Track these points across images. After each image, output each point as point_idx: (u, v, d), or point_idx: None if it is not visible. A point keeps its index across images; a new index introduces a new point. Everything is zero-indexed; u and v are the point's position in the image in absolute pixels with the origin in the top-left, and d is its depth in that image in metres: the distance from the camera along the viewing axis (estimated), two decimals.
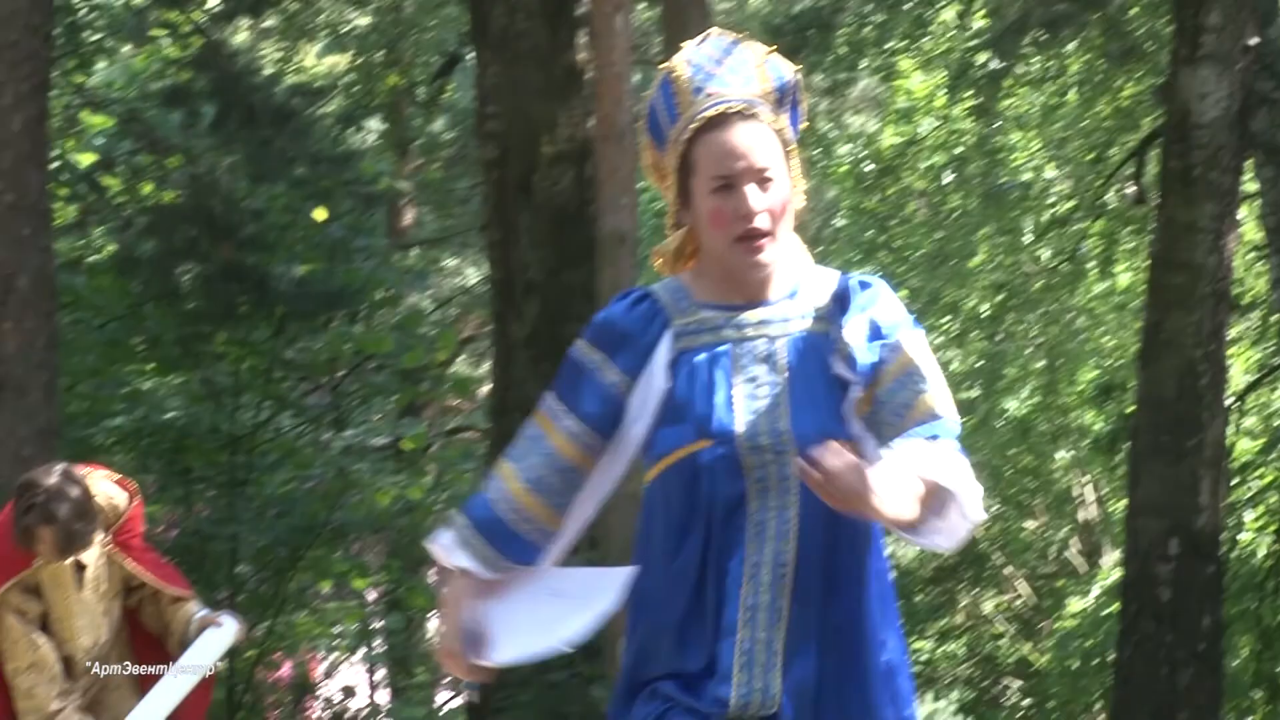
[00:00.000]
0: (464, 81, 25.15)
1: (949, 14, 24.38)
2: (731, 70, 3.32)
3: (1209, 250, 15.32)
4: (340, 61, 24.99)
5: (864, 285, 3.44)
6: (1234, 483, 19.94)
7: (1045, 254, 25.50)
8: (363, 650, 22.91)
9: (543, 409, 3.39)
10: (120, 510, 7.97)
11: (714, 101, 3.22)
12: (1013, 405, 26.02)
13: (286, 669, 20.53)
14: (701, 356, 3.30)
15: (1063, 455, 26.21)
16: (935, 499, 3.09)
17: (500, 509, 3.30)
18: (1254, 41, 16.08)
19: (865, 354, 3.24)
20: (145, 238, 17.20)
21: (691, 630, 3.24)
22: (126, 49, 20.60)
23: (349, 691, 21.71)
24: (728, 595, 3.21)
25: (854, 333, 3.25)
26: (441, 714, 22.10)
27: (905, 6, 23.91)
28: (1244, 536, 20.88)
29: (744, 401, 3.26)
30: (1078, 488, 26.21)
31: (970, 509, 3.11)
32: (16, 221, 12.54)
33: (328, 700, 21.59)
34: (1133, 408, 17.71)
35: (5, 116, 12.69)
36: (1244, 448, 21.22)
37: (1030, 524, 26.28)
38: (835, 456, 2.83)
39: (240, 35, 22.56)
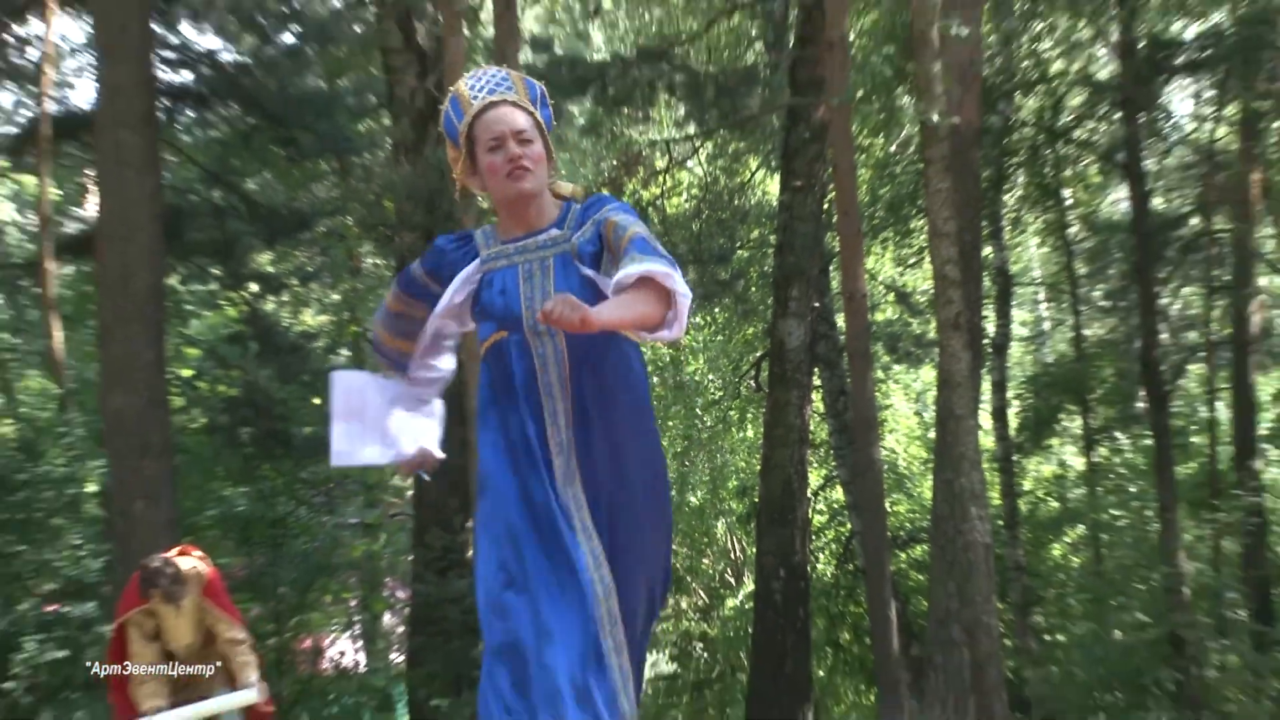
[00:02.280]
0: None
1: None
2: (497, 83, 4.56)
3: (795, 416, 20.94)
4: (324, 319, 27.27)
5: (602, 197, 4.70)
6: (815, 538, 26.32)
7: (708, 419, 31.36)
8: (348, 632, 26.87)
9: (390, 291, 4.86)
10: (203, 575, 10.47)
11: (486, 99, 4.50)
12: (693, 499, 31.81)
13: (307, 643, 24.75)
14: (500, 274, 4.55)
15: (721, 524, 32.01)
16: (651, 294, 4.14)
17: (378, 339, 4.85)
18: (817, 304, 21.84)
19: (585, 240, 4.50)
20: (222, 415, 21.39)
21: (525, 442, 4.46)
22: (208, 313, 25.03)
23: (341, 654, 26.38)
24: (536, 439, 4.46)
25: (581, 232, 4.53)
26: (393, 674, 23.97)
27: None
28: (820, 567, 27.60)
29: (525, 300, 4.47)
30: (730, 541, 32.02)
31: (677, 286, 4.13)
32: (149, 411, 15.57)
33: (330, 658, 26.10)
34: (757, 499, 23.03)
35: (141, 351, 15.56)
36: (818, 520, 27.60)
37: (705, 561, 31.80)
38: (552, 300, 3.86)
39: (270, 305, 24.81)
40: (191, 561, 10.32)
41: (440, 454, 4.77)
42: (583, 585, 4.38)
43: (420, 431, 5.15)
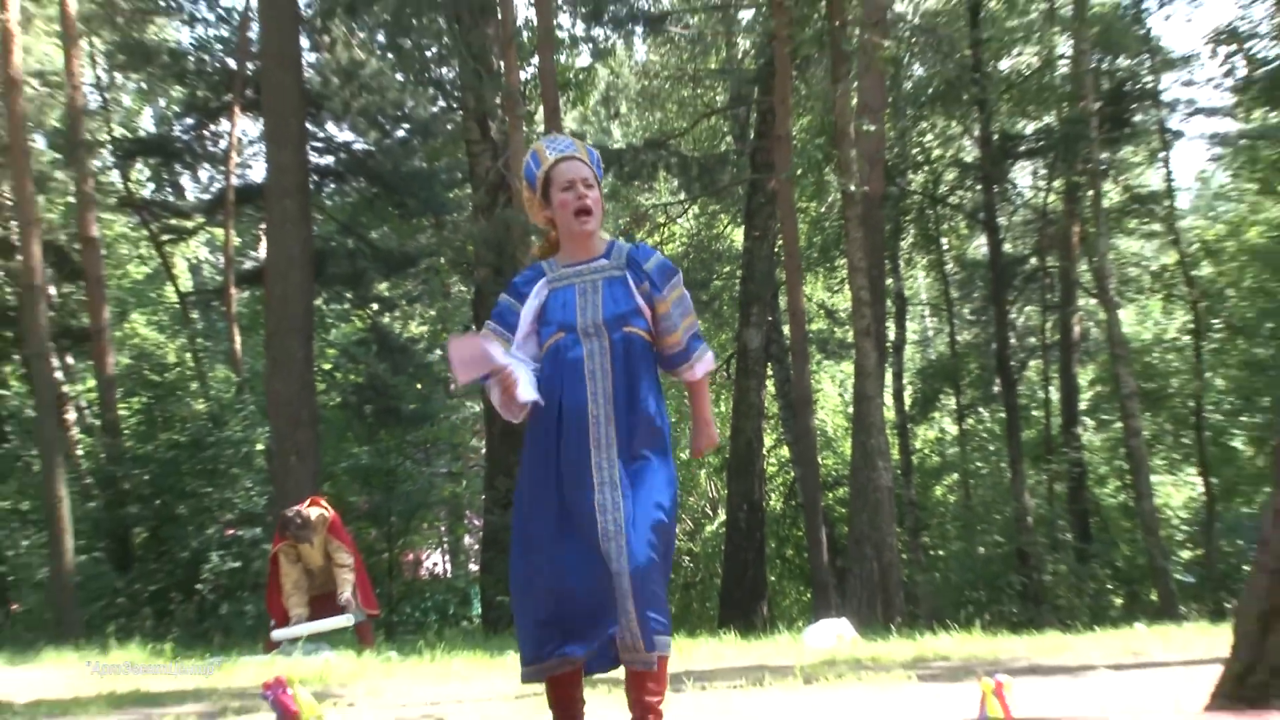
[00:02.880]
0: None
1: None
2: (567, 144, 4.42)
3: (755, 397, 20.98)
4: (424, 329, 27.63)
5: (644, 248, 4.48)
6: (768, 483, 25.49)
7: None
8: (439, 549, 27.80)
9: (489, 325, 4.46)
10: (326, 518, 10.53)
11: (561, 154, 4.36)
12: (683, 455, 25.47)
13: (410, 557, 25.03)
14: (561, 291, 4.34)
15: (703, 473, 29.08)
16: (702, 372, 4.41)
17: (496, 329, 4.35)
18: (770, 318, 21.66)
19: (655, 274, 4.37)
20: (351, 396, 21.68)
21: (567, 424, 4.21)
22: (343, 325, 24.78)
23: (434, 565, 27.23)
24: (580, 411, 4.20)
25: (650, 267, 4.38)
26: (470, 579, 23.78)
27: None
28: (772, 503, 26.45)
29: (579, 310, 4.28)
30: (708, 485, 29.50)
31: (710, 365, 4.47)
32: (301, 394, 15.54)
33: (426, 568, 26.69)
34: (728, 455, 21.85)
35: (295, 351, 15.59)
36: (770, 470, 26.36)
37: (691, 499, 29.25)
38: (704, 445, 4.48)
39: (386, 319, 24.70)
40: (318, 510, 10.47)
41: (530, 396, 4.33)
42: (595, 528, 4.12)
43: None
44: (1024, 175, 26.11)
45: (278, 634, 10.24)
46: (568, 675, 4.29)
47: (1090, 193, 20.17)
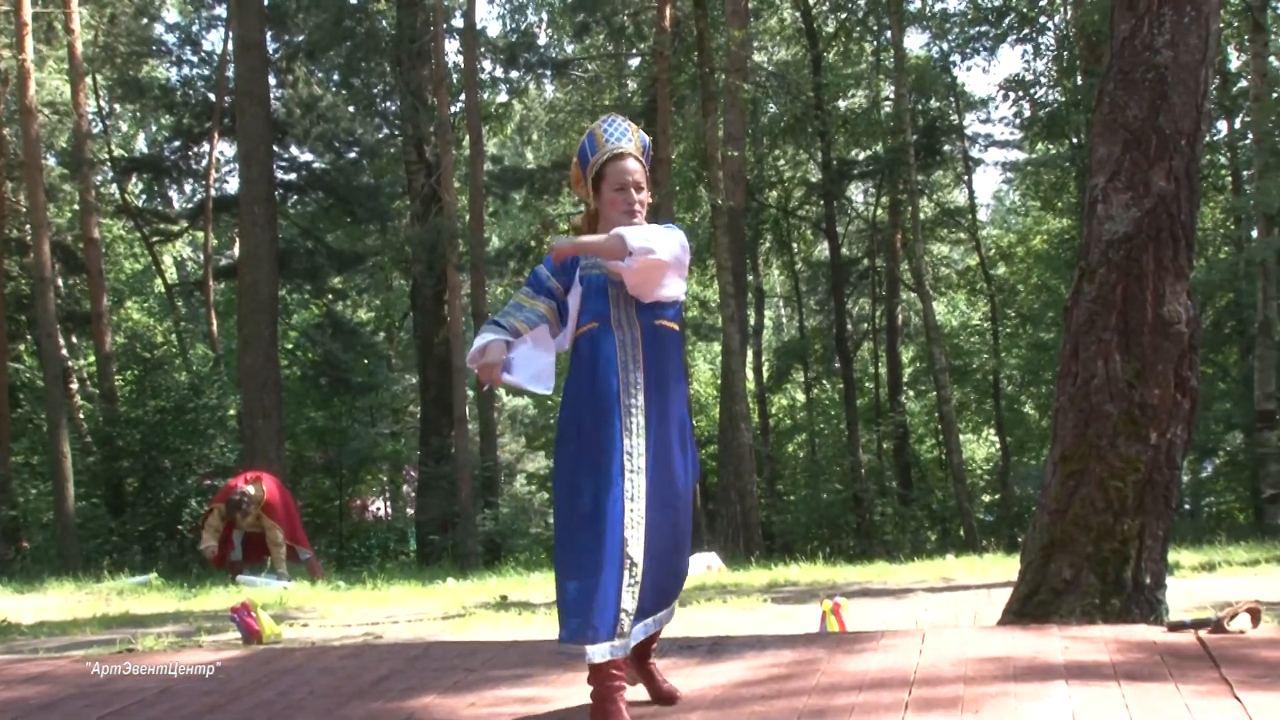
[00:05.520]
0: None
1: None
2: (625, 133, 3.65)
3: None
4: (371, 315, 27.30)
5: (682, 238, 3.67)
6: None
7: None
8: (382, 496, 27.96)
9: (522, 294, 3.70)
10: (262, 498, 10.55)
11: (618, 146, 3.61)
12: None
13: (357, 503, 25.13)
14: (591, 278, 3.60)
15: None
16: (619, 243, 3.44)
17: (506, 323, 3.54)
18: None
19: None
20: (310, 370, 22.16)
21: (605, 403, 3.48)
22: (303, 311, 25.07)
23: (378, 509, 27.48)
24: (621, 392, 3.50)
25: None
26: (408, 520, 23.45)
27: None
28: None
29: (613, 302, 3.57)
30: None
31: (633, 244, 3.41)
32: (267, 367, 15.44)
33: (371, 512, 26.67)
34: None
35: (263, 331, 15.34)
36: None
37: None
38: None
39: (339, 306, 24.76)
40: (259, 488, 10.60)
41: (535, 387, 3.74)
42: (617, 507, 3.43)
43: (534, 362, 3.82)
44: (858, 193, 26.58)
45: (241, 578, 10.51)
46: (610, 658, 3.48)
47: (909, 208, 20.65)
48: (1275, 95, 16.12)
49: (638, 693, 3.50)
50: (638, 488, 3.52)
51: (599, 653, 3.30)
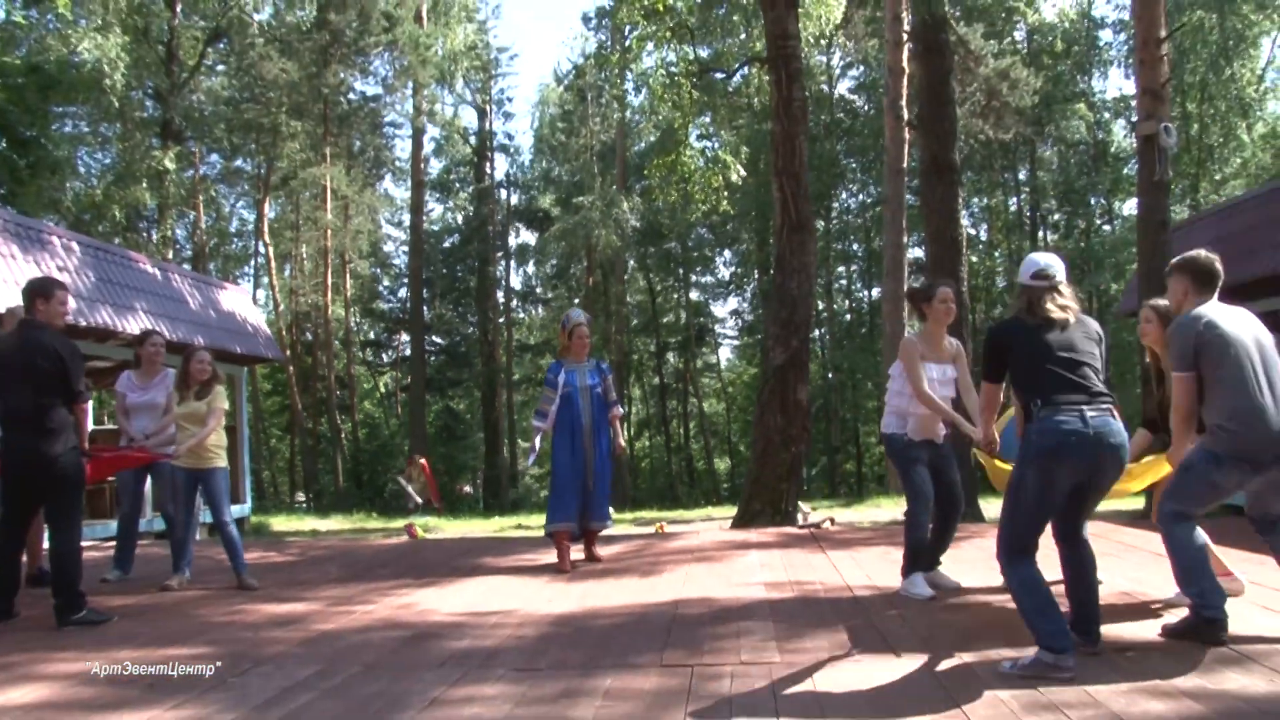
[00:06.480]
0: None
1: None
2: (578, 315, 5.86)
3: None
4: None
5: (603, 362, 5.89)
6: None
7: None
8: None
9: (546, 393, 5.75)
10: (423, 469, 21.44)
11: (578, 322, 5.73)
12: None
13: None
14: (571, 372, 5.64)
15: None
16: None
17: (549, 385, 5.62)
18: None
19: (606, 371, 5.77)
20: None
21: (575, 466, 5.67)
22: None
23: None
24: (580, 424, 5.63)
25: (605, 367, 5.79)
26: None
27: None
28: None
29: (576, 384, 5.61)
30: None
31: (618, 414, 5.89)
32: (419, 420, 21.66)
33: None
34: None
35: None
36: None
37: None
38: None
39: None
40: (419, 467, 20.36)
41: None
42: (587, 473, 5.73)
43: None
44: None
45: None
46: (566, 530, 6.09)
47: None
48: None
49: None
50: (594, 461, 5.84)
51: (561, 527, 5.99)
